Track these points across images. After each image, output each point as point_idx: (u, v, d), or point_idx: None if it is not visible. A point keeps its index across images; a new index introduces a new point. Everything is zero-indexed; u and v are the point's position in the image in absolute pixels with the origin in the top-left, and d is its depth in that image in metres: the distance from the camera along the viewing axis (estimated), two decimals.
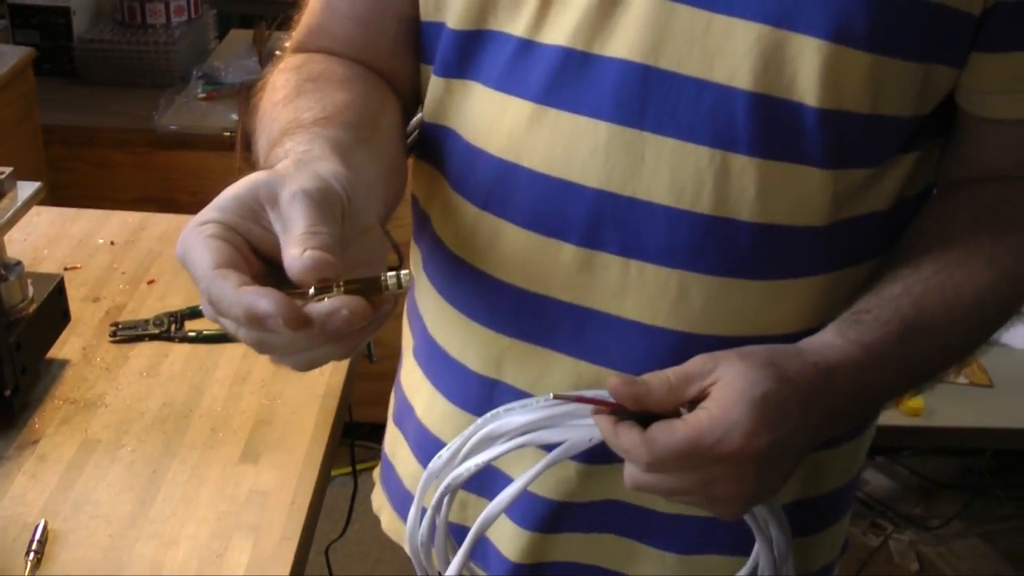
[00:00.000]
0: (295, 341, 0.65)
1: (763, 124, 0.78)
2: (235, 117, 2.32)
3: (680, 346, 0.84)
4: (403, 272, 0.65)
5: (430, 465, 0.89)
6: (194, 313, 1.33)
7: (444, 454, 0.87)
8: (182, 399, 1.21)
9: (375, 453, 2.60)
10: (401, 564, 1.13)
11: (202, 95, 2.42)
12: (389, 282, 0.65)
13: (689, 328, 0.84)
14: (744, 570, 0.90)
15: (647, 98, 0.79)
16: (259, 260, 0.67)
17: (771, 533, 0.84)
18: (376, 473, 1.19)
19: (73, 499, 1.05)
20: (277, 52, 2.56)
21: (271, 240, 0.66)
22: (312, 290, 0.63)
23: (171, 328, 1.31)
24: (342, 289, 0.64)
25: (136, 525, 1.03)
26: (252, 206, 0.66)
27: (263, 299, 0.61)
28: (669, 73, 0.79)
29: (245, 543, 1.02)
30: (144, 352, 1.28)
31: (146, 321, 1.32)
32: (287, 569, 0.99)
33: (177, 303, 1.37)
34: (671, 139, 0.80)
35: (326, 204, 0.66)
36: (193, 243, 0.64)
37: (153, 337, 1.30)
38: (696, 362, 0.77)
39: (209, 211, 0.66)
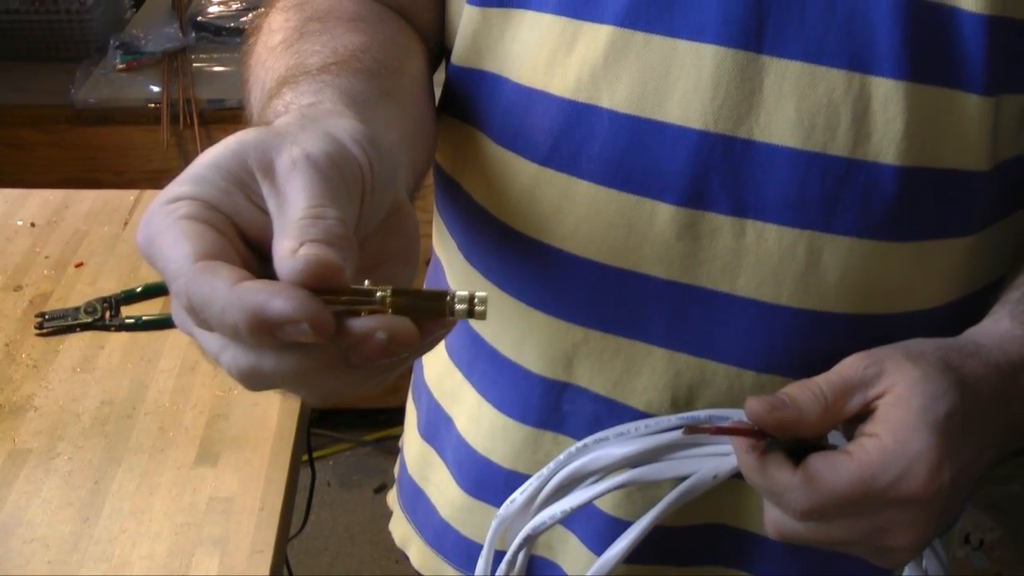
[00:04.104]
0: (305, 369, 0.47)
1: (911, 37, 0.66)
2: (157, 89, 2.23)
3: (808, 329, 0.71)
4: (479, 294, 0.48)
5: (501, 510, 0.76)
6: (130, 297, 1.27)
7: (519, 497, 0.75)
8: (123, 396, 1.13)
9: (330, 440, 2.56)
10: (361, 556, 1.02)
11: (121, 66, 2.33)
12: (457, 307, 0.48)
13: (820, 306, 0.71)
14: None
15: (764, 10, 0.66)
16: (251, 253, 0.49)
17: (926, 566, 0.72)
18: (392, 498, 1.06)
19: (2, 521, 0.98)
20: (199, 18, 2.43)
21: (266, 223, 0.49)
22: (344, 296, 0.46)
23: (105, 315, 1.24)
24: (388, 299, 0.47)
25: (80, 547, 0.95)
26: (239, 175, 0.49)
27: (277, 297, 0.43)
28: None
29: (210, 560, 0.93)
30: (76, 344, 1.21)
31: (76, 309, 1.25)
32: None
33: (110, 287, 1.29)
34: (795, 62, 0.66)
35: (338, 175, 0.49)
36: (162, 227, 0.46)
37: (85, 327, 1.23)
38: (853, 365, 0.64)
39: (182, 184, 0.48)
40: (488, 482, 0.79)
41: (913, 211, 0.69)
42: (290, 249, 0.45)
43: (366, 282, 0.47)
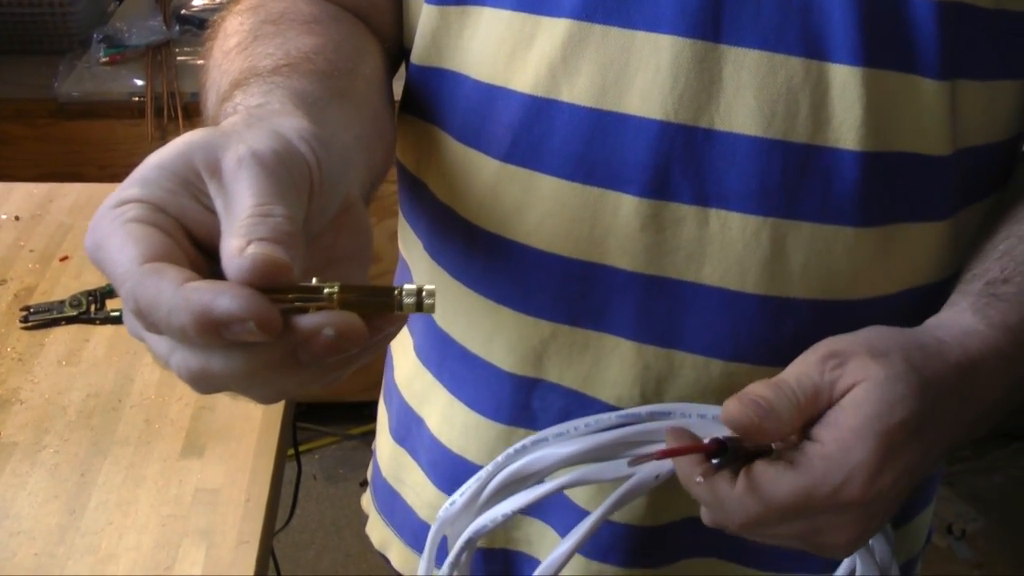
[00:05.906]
0: (254, 369, 0.46)
1: (865, 23, 0.66)
2: (141, 82, 2.22)
3: (774, 315, 0.71)
4: (427, 287, 0.47)
5: (440, 513, 0.76)
6: (115, 290, 1.20)
7: (458, 500, 0.74)
8: (109, 388, 1.12)
9: (315, 434, 2.56)
10: (347, 550, 1.01)
11: (105, 59, 2.30)
12: (405, 301, 0.47)
13: (786, 292, 0.71)
14: None
15: (720, 0, 0.66)
16: (199, 253, 0.49)
17: (873, 547, 0.72)
18: (367, 501, 1.05)
19: None
20: (183, 11, 2.42)
21: (214, 223, 0.48)
22: (292, 294, 0.46)
23: (91, 309, 1.23)
24: (335, 295, 0.46)
25: (66, 540, 0.94)
26: (186, 176, 0.48)
27: (223, 296, 0.43)
28: None
29: (196, 551, 0.93)
30: (61, 338, 1.20)
31: (61, 302, 1.24)
32: None
33: (95, 280, 1.28)
34: (753, 51, 0.67)
35: (285, 172, 0.48)
36: (109, 232, 0.46)
37: (71, 320, 1.22)
38: (819, 367, 0.63)
39: (128, 187, 0.48)
40: (464, 480, 0.79)
41: (875, 196, 0.69)
42: (237, 248, 0.45)
43: (314, 279, 0.46)
